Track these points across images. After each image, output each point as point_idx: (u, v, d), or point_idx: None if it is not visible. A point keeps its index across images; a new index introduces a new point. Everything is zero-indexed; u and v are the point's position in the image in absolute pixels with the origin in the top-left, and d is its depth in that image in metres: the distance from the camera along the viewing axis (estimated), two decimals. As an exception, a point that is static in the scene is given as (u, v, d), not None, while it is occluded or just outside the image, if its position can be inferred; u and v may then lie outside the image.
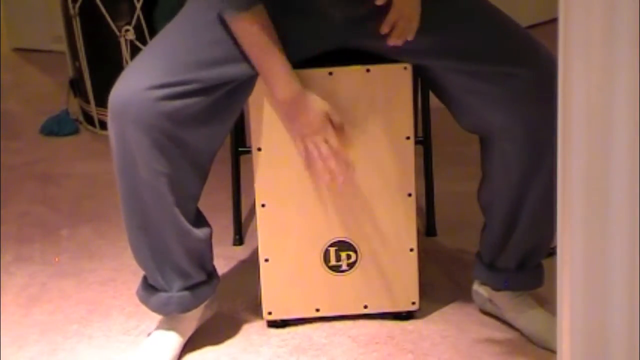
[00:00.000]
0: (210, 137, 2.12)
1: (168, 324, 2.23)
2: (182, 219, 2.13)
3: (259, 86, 2.14)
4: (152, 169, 2.06)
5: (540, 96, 2.05)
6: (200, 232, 2.18)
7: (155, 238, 2.14)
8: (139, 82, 2.03)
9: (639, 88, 1.19)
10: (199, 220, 2.20)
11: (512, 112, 2.09)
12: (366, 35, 2.13)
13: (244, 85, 2.12)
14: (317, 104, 2.11)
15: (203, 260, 2.21)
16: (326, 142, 2.12)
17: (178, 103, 2.03)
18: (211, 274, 2.25)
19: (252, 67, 2.10)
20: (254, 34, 2.06)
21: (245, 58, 2.09)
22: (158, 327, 2.24)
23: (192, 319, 2.25)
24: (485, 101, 2.11)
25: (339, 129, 2.13)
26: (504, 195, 2.18)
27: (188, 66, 2.05)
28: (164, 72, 2.04)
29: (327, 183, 2.17)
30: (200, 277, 2.21)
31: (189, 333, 2.25)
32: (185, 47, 2.09)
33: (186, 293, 2.19)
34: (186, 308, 2.21)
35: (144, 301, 2.23)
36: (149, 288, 2.21)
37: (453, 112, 2.20)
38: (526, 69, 2.08)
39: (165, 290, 2.19)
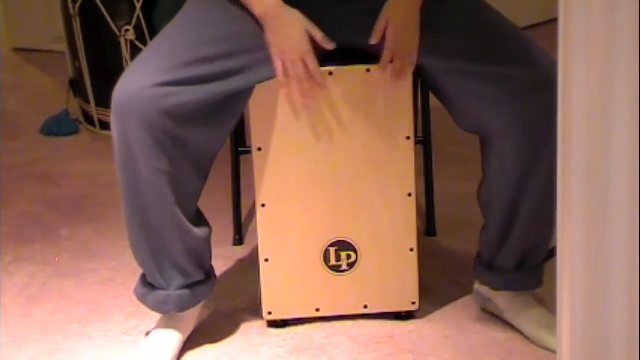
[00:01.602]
0: (212, 137, 2.12)
1: (167, 323, 2.23)
2: (183, 217, 2.13)
3: (259, 86, 2.14)
4: (153, 167, 2.06)
5: (537, 97, 2.05)
6: (200, 232, 2.18)
7: (155, 236, 2.14)
8: (142, 79, 2.03)
9: (639, 88, 1.19)
10: (199, 219, 2.20)
11: (509, 113, 2.09)
12: (366, 35, 2.13)
13: (243, 88, 2.12)
14: (295, 20, 2.08)
15: (202, 259, 2.21)
16: (302, 60, 2.10)
17: (180, 101, 2.03)
18: (209, 273, 2.26)
19: (254, 64, 2.10)
20: None
21: (246, 52, 2.09)
22: (157, 327, 2.24)
23: (191, 318, 2.26)
24: (482, 102, 2.11)
25: (321, 44, 2.10)
26: (502, 195, 2.18)
27: (190, 63, 2.06)
28: (166, 69, 2.04)
29: (298, 100, 2.14)
30: (198, 276, 2.21)
31: (188, 332, 2.26)
32: (187, 45, 2.09)
33: (184, 292, 2.20)
34: (184, 307, 2.21)
35: (142, 299, 2.23)
36: (147, 286, 2.22)
37: (451, 113, 2.21)
38: (523, 70, 2.08)
39: (163, 289, 2.19)
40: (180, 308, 2.21)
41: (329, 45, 2.09)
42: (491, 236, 2.24)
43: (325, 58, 2.15)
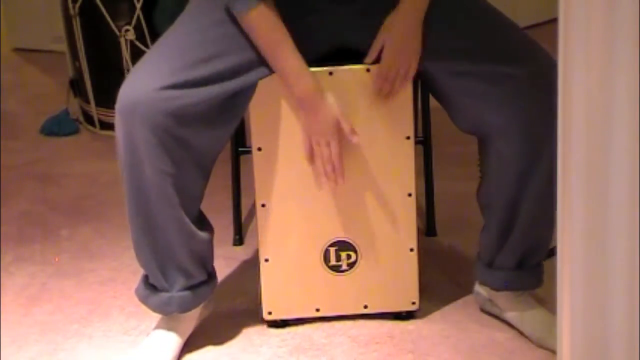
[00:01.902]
0: (215, 138, 2.13)
1: (167, 324, 2.23)
2: (187, 219, 2.13)
3: (259, 87, 2.14)
4: (159, 169, 2.06)
5: (537, 97, 2.05)
6: (204, 234, 2.18)
7: (159, 238, 2.14)
8: (147, 82, 2.04)
9: (639, 88, 1.19)
10: (202, 221, 2.20)
11: (508, 113, 2.09)
12: (366, 35, 2.13)
13: (247, 88, 2.12)
14: (329, 108, 2.11)
15: (205, 260, 2.22)
16: (328, 144, 2.13)
17: (186, 103, 2.03)
18: (211, 274, 2.26)
19: (258, 60, 2.10)
20: (263, 30, 2.06)
21: (250, 50, 2.09)
22: (157, 327, 2.24)
23: (191, 319, 2.26)
24: (481, 102, 2.11)
25: (348, 137, 2.13)
26: (501, 196, 2.18)
27: (195, 65, 2.06)
28: (171, 71, 2.04)
29: (321, 182, 2.18)
30: (201, 277, 2.21)
31: (188, 333, 2.26)
32: (190, 47, 2.09)
33: (187, 293, 2.20)
34: (187, 308, 2.22)
35: (144, 300, 2.24)
36: (149, 287, 2.22)
37: (450, 113, 2.21)
38: (523, 69, 2.08)
39: (166, 290, 2.20)
40: (182, 309, 2.21)
41: (355, 139, 2.13)
42: (491, 236, 2.24)
43: (325, 58, 2.15)
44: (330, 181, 2.17)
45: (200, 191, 2.17)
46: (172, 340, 2.22)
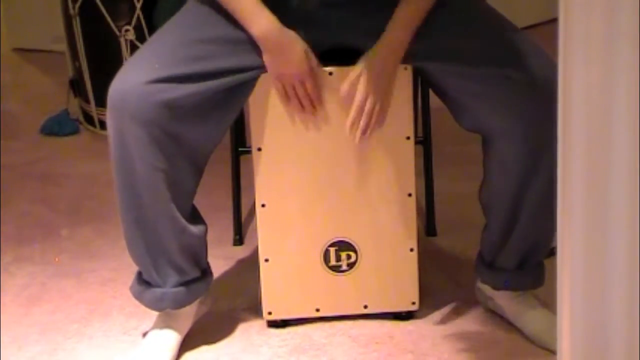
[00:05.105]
0: (208, 134, 2.13)
1: (164, 322, 2.23)
2: (178, 215, 2.13)
3: (259, 86, 2.15)
4: (150, 164, 2.06)
5: (538, 98, 2.05)
6: (196, 229, 2.18)
7: (151, 233, 2.14)
8: (138, 76, 2.04)
9: (639, 88, 1.19)
10: (195, 217, 2.20)
11: (510, 114, 2.09)
12: (364, 35, 2.13)
13: (243, 85, 2.13)
14: (294, 44, 2.09)
15: (198, 256, 2.22)
16: (302, 83, 2.11)
17: (177, 97, 2.04)
18: (205, 270, 2.26)
19: (250, 61, 2.10)
20: None
21: (243, 53, 2.09)
22: (154, 326, 2.24)
23: (188, 316, 2.26)
24: (483, 103, 2.11)
25: (316, 70, 2.12)
26: (503, 195, 2.18)
27: (187, 60, 2.06)
28: (162, 66, 2.05)
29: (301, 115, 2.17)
30: (194, 273, 2.21)
31: (186, 330, 2.26)
32: (184, 42, 2.10)
33: (180, 289, 2.20)
34: (180, 304, 2.22)
35: (138, 297, 2.24)
36: (143, 284, 2.22)
37: (452, 111, 2.21)
38: (524, 72, 2.08)
39: (159, 286, 2.20)
40: (176, 305, 2.21)
41: (320, 72, 2.12)
42: (493, 235, 2.24)
43: (325, 58, 2.15)
44: (308, 114, 2.15)
45: (193, 187, 2.17)
46: (170, 340, 2.21)
